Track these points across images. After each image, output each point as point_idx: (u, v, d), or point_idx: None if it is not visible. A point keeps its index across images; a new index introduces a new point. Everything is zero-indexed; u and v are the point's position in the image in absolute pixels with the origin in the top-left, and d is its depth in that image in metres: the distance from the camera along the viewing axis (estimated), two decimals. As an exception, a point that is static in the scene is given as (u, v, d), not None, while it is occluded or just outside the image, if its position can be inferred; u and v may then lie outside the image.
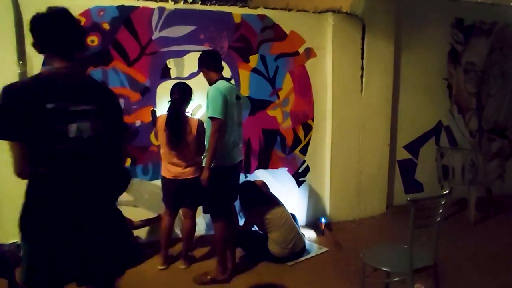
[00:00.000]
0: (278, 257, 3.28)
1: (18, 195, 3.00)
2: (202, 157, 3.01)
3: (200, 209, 3.14)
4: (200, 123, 3.09)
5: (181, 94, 3.03)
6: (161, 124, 3.05)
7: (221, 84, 2.84)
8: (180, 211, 3.26)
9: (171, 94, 3.06)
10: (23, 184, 1.54)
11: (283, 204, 3.49)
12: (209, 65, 2.93)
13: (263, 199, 3.47)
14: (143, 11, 3.50)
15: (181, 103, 3.03)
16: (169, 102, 3.05)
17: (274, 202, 3.47)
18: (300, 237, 3.44)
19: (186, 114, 3.13)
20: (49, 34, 1.58)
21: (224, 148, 2.82)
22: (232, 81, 3.74)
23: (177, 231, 3.61)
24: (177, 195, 3.12)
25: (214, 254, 3.16)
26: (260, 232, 3.44)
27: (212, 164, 2.79)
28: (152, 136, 3.58)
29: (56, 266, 1.57)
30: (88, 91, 1.64)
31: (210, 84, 2.92)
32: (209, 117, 2.75)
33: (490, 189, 4.63)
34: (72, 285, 1.67)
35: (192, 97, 3.11)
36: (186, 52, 3.65)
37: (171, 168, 3.07)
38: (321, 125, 4.18)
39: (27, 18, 3.20)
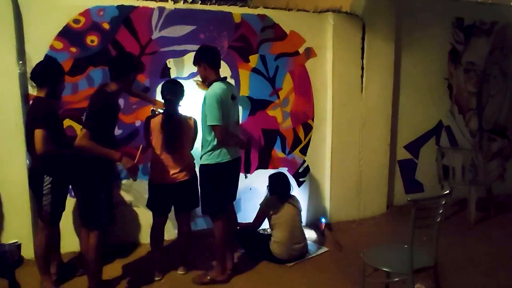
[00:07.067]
0: (279, 258, 3.27)
1: (18, 196, 2.99)
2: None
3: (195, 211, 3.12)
4: (196, 122, 3.02)
5: (175, 93, 2.92)
6: (155, 127, 2.89)
7: (218, 86, 2.78)
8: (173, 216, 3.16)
9: (164, 94, 2.92)
10: (22, 185, 1.54)
11: (299, 208, 3.42)
12: (210, 61, 2.83)
13: (283, 192, 3.40)
14: (143, 11, 3.50)
15: (176, 103, 2.92)
16: (165, 103, 2.94)
17: (288, 199, 3.38)
18: (305, 245, 3.41)
19: (182, 113, 2.99)
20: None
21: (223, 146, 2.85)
22: (231, 81, 3.73)
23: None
24: (170, 199, 3.00)
25: (212, 255, 3.15)
26: (265, 233, 3.41)
27: (212, 161, 2.84)
28: (152, 136, 3.57)
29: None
30: None
31: (205, 81, 2.91)
32: (209, 125, 2.76)
33: (490, 189, 4.62)
34: None
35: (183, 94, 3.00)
36: (186, 52, 3.64)
37: (166, 172, 2.90)
38: (321, 125, 4.18)
39: (27, 18, 3.23)
